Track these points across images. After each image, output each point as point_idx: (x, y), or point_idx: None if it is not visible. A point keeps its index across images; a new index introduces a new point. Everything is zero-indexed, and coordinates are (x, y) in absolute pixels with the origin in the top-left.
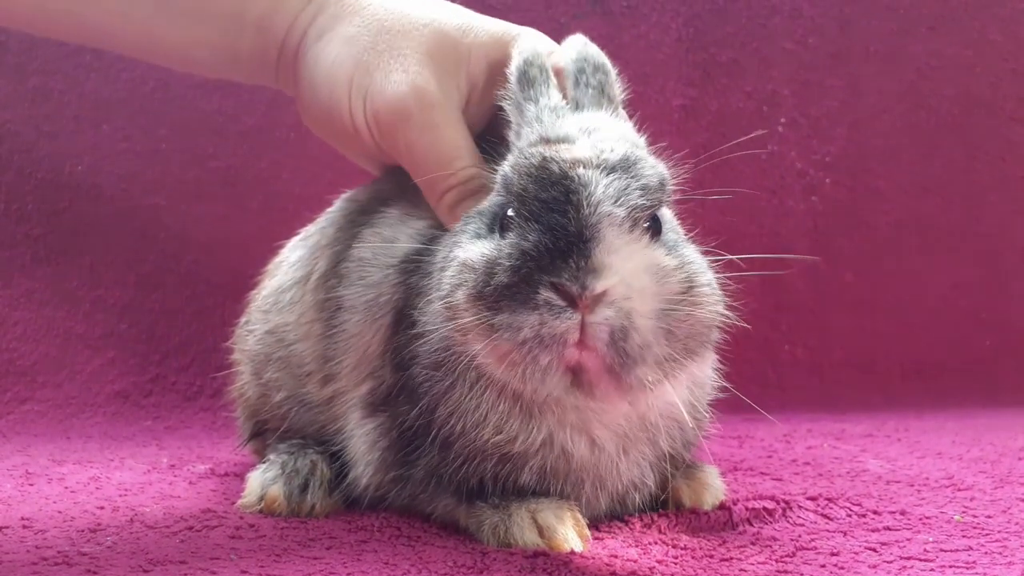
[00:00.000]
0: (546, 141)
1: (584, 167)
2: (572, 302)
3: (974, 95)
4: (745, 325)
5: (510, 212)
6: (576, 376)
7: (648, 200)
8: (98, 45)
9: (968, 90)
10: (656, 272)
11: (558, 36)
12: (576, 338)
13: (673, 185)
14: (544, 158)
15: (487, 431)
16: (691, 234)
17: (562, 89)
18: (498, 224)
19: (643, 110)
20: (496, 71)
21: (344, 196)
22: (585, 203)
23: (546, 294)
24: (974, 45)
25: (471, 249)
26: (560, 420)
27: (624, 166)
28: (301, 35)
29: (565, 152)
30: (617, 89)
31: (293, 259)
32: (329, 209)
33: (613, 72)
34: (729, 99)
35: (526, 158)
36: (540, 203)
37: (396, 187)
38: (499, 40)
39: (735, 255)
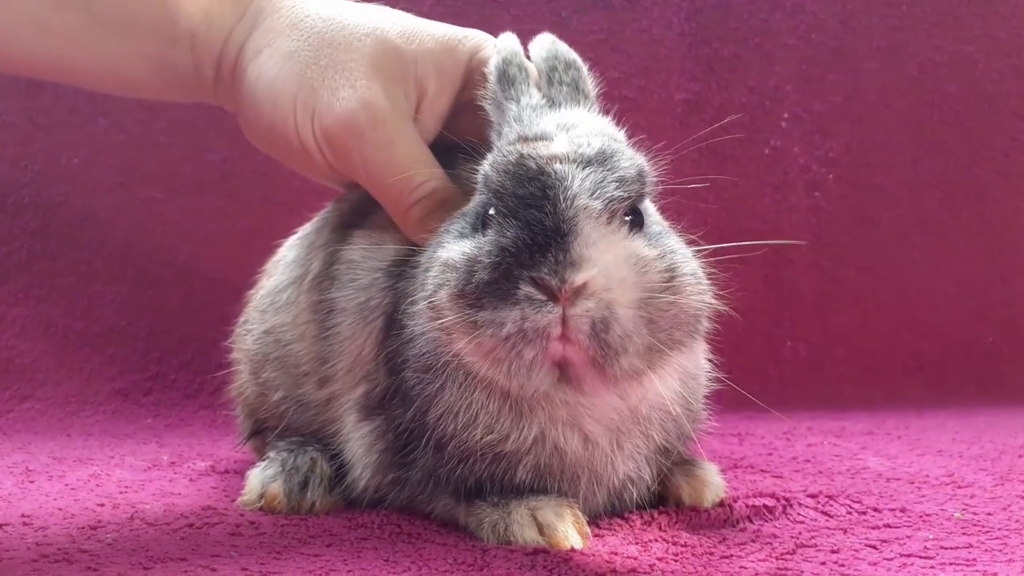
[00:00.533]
0: (524, 139)
1: (560, 162)
2: (552, 295)
3: (977, 91)
4: (733, 313)
5: (491, 210)
6: (563, 371)
7: (625, 192)
8: (21, 69)
9: (971, 86)
10: (636, 262)
11: (560, 30)
12: (559, 332)
13: (655, 177)
14: (521, 155)
15: (478, 431)
16: (698, 233)
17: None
18: (480, 222)
19: (645, 105)
20: (444, 76)
21: (337, 197)
22: (562, 197)
23: (526, 289)
24: (976, 41)
25: (453, 248)
26: (551, 417)
27: (600, 159)
28: (238, 51)
29: (543, 149)
30: (590, 84)
31: (289, 259)
32: (324, 209)
33: (584, 68)
34: (732, 94)
35: (504, 156)
36: (517, 199)
37: None
38: (445, 44)
39: (725, 248)
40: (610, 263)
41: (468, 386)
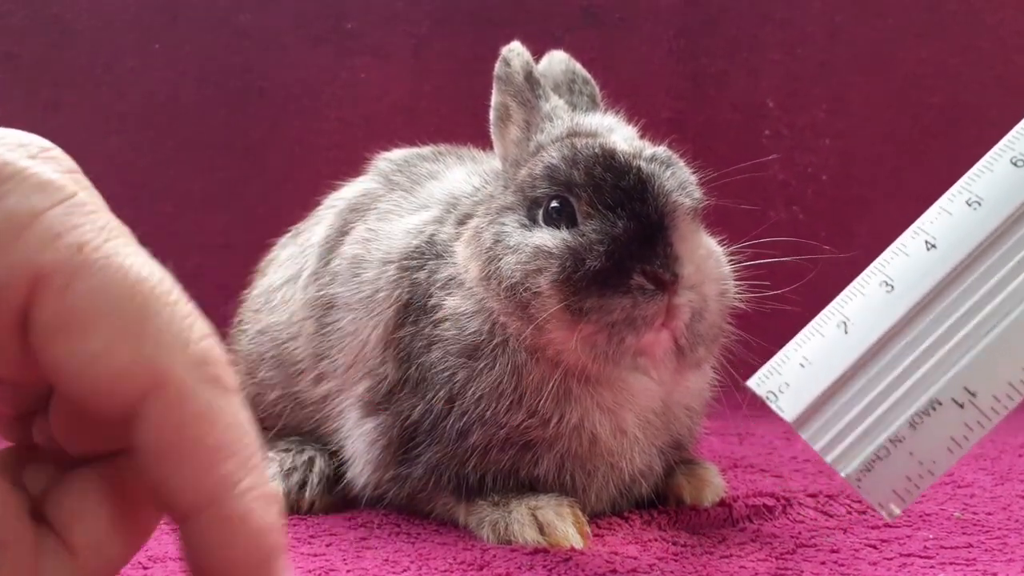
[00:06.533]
0: (576, 135)
1: (643, 160)
2: (662, 286)
3: (960, 103)
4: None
5: (575, 201)
6: (639, 358)
7: (698, 193)
8: None
9: (955, 98)
10: (716, 258)
11: (554, 49)
12: (662, 320)
13: None
14: (607, 148)
15: (520, 415)
16: None
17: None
18: (550, 213)
19: (634, 123)
20: None
21: (332, 195)
22: (660, 192)
23: (638, 279)
24: (962, 53)
25: (540, 237)
26: (598, 403)
27: (671, 162)
28: None
29: (622, 144)
30: (600, 102)
31: (283, 257)
32: (318, 208)
33: (596, 87)
34: (716, 111)
35: (581, 149)
36: (621, 191)
37: (384, 185)
38: None
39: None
40: (701, 257)
41: (521, 368)
